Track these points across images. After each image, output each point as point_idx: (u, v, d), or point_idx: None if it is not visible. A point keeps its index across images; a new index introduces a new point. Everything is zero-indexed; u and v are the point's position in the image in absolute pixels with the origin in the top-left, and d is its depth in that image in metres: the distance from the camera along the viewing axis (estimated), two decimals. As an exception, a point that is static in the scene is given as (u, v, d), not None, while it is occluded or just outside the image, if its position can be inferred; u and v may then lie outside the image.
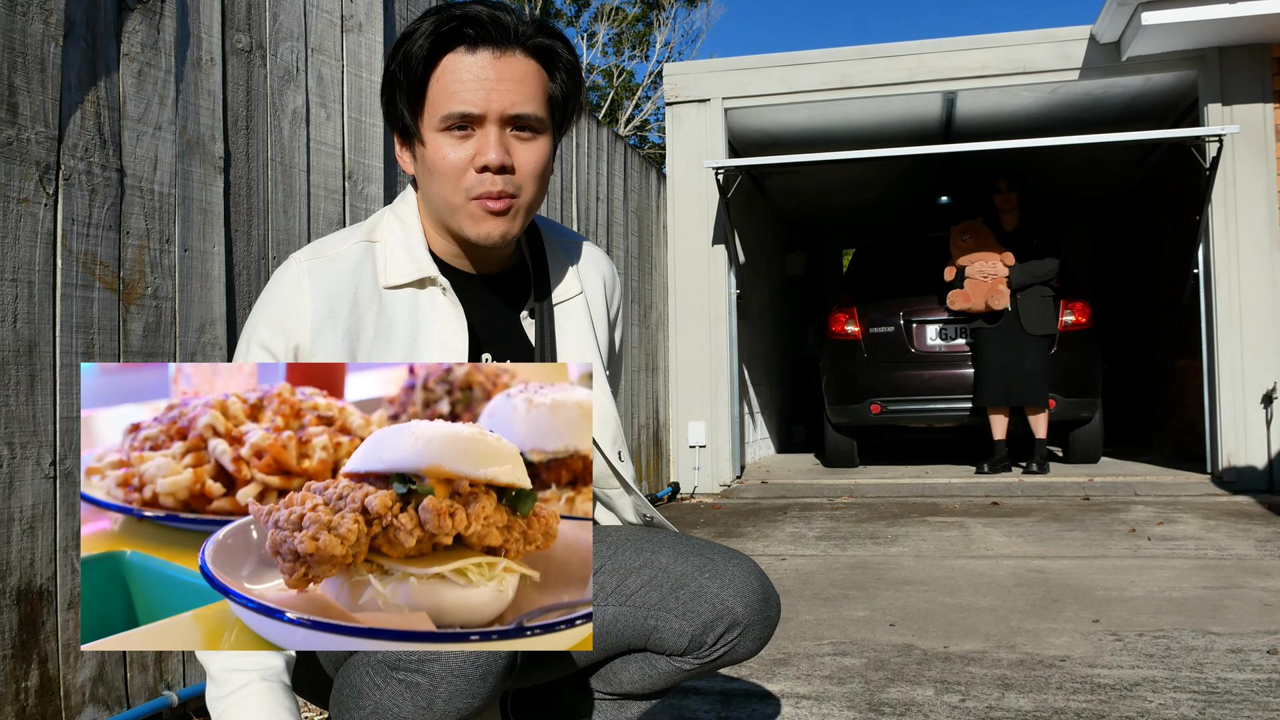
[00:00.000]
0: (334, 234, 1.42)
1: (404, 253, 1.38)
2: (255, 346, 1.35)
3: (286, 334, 1.33)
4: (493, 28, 1.29)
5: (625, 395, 6.04)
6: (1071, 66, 6.47)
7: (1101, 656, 2.68)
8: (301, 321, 1.33)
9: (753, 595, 1.36)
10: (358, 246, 1.38)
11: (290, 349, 1.33)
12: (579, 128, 5.40)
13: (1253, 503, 5.47)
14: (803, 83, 6.89)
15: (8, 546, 1.92)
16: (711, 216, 6.97)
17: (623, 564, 1.39)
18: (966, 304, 6.50)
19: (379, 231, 1.40)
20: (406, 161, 1.38)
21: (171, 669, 2.31)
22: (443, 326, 1.36)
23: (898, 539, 4.63)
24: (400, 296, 1.37)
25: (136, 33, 2.27)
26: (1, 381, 1.92)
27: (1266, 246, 6.07)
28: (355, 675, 1.18)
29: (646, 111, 21.00)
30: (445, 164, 1.30)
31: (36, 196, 2.01)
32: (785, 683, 2.52)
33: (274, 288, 1.37)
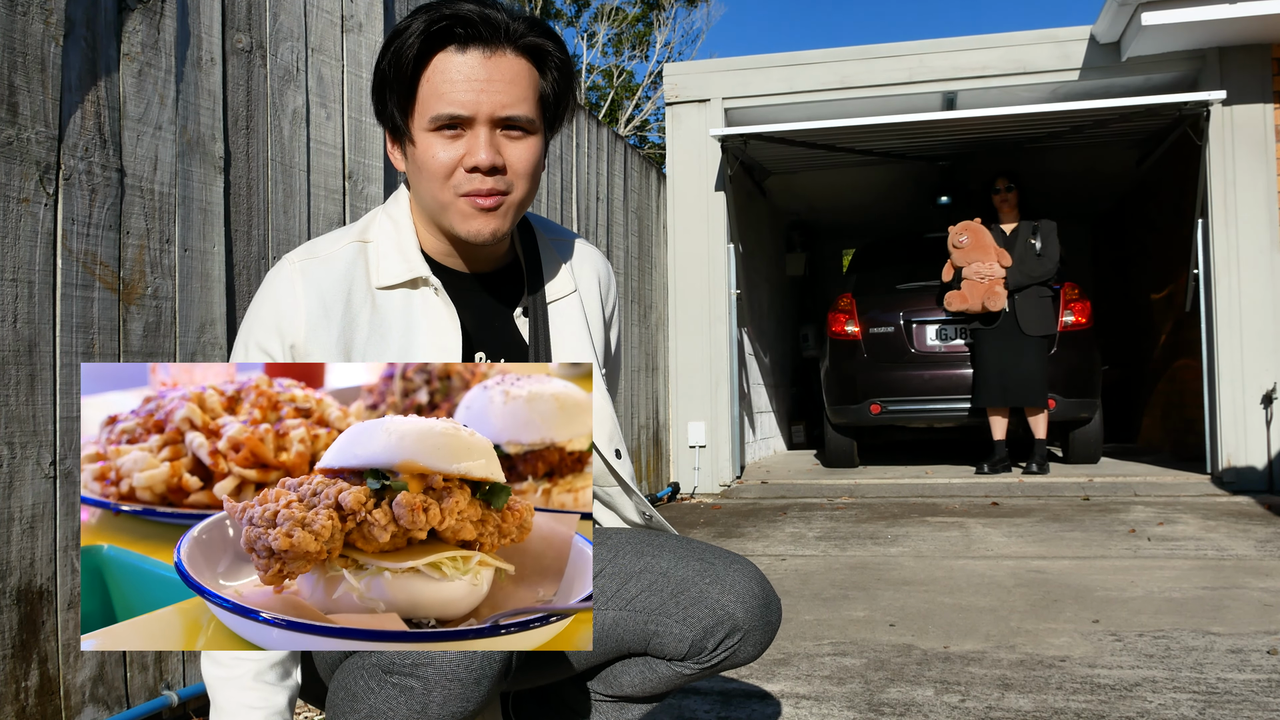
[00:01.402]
0: (327, 235, 1.41)
1: (396, 253, 1.37)
2: (253, 348, 1.35)
3: (282, 334, 1.33)
4: (483, 27, 1.27)
5: (625, 395, 6.05)
6: (1072, 67, 6.47)
7: (1101, 657, 2.68)
8: (296, 322, 1.32)
9: (753, 600, 1.36)
10: (350, 247, 1.37)
11: (286, 349, 1.33)
12: (579, 128, 5.40)
13: (1253, 503, 5.47)
14: (803, 83, 6.89)
15: (8, 546, 1.92)
16: (712, 215, 6.97)
17: (623, 568, 1.39)
18: (963, 305, 6.49)
19: (371, 231, 1.39)
20: (398, 159, 1.38)
21: (171, 669, 2.31)
22: (436, 327, 1.36)
23: (898, 539, 4.63)
24: (393, 297, 1.36)
25: (137, 33, 2.27)
26: (1, 381, 1.92)
27: (1266, 246, 6.07)
28: (350, 678, 1.18)
29: (646, 112, 20.99)
30: (435, 163, 1.29)
31: (37, 196, 2.01)
32: (785, 683, 2.52)
33: (268, 289, 1.35)
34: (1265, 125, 6.10)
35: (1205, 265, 6.22)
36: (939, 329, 6.90)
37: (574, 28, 20.85)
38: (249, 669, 1.23)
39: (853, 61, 6.82)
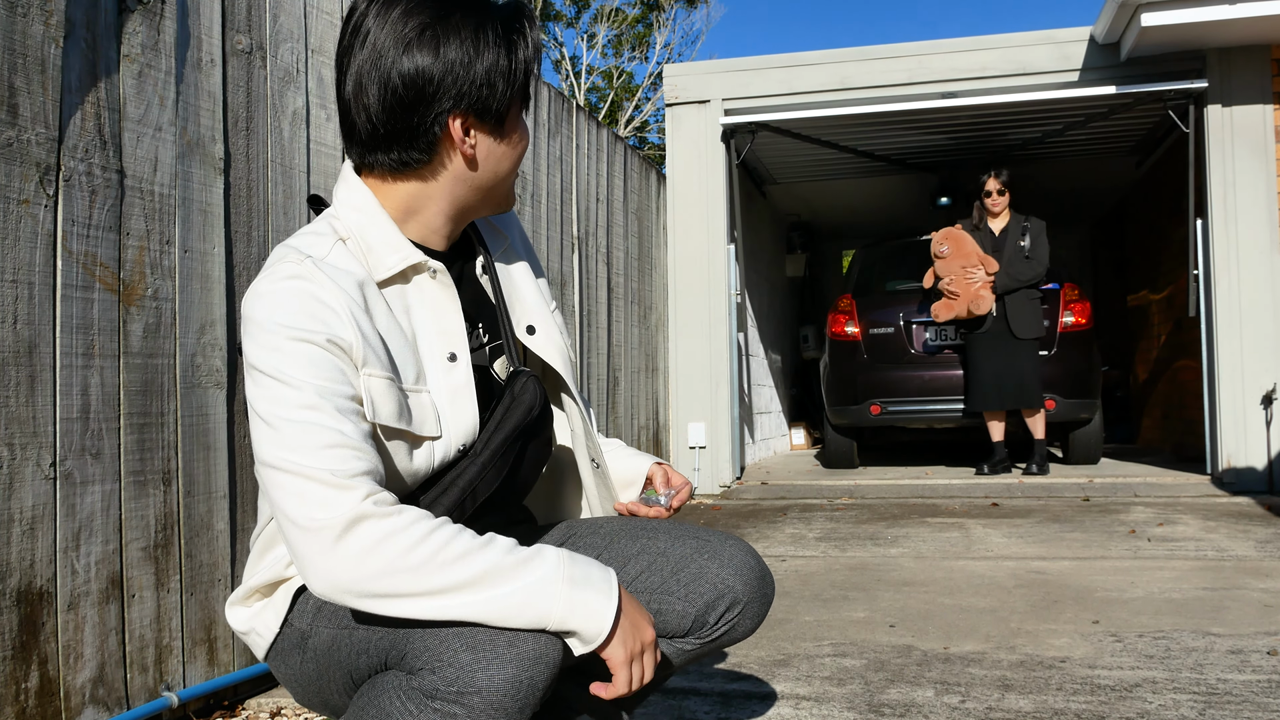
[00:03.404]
0: (302, 242, 1.30)
1: (383, 244, 1.32)
2: (317, 349, 1.20)
3: (329, 325, 1.21)
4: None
5: (625, 396, 6.05)
6: (1071, 68, 6.47)
7: (1101, 657, 2.68)
8: (339, 312, 1.22)
9: (751, 573, 1.41)
10: (337, 247, 1.30)
11: (348, 343, 1.22)
12: (579, 128, 5.40)
13: (1253, 504, 5.47)
14: (802, 84, 6.89)
15: (8, 548, 1.92)
16: (711, 216, 6.98)
17: (621, 551, 1.42)
18: (950, 314, 6.50)
19: (341, 229, 1.33)
20: (468, 148, 1.32)
21: (171, 669, 2.31)
22: (439, 310, 1.35)
23: (898, 540, 4.63)
24: (391, 289, 1.33)
25: (137, 34, 2.27)
26: (1, 382, 1.92)
27: (1266, 247, 6.07)
28: (384, 698, 1.15)
29: (646, 113, 21.00)
30: (523, 146, 1.39)
31: (37, 197, 2.01)
32: (785, 684, 2.52)
33: (285, 296, 1.22)
34: (1265, 125, 6.10)
35: (1205, 266, 6.22)
36: (939, 330, 6.90)
37: (574, 29, 20.88)
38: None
39: (852, 62, 6.83)
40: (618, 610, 1.16)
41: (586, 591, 1.15)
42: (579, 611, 1.14)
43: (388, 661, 1.19)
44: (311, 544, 1.13)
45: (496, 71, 1.30)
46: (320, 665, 1.29)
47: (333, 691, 1.30)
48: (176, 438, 2.35)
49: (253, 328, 1.22)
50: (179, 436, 2.36)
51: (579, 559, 1.18)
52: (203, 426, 2.44)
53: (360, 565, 1.12)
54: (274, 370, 1.19)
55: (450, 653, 1.11)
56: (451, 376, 1.34)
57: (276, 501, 1.17)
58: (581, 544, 1.46)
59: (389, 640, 1.18)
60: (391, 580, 1.12)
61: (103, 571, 2.13)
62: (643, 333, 6.44)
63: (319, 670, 1.30)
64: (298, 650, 1.31)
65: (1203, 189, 6.26)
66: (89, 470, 2.11)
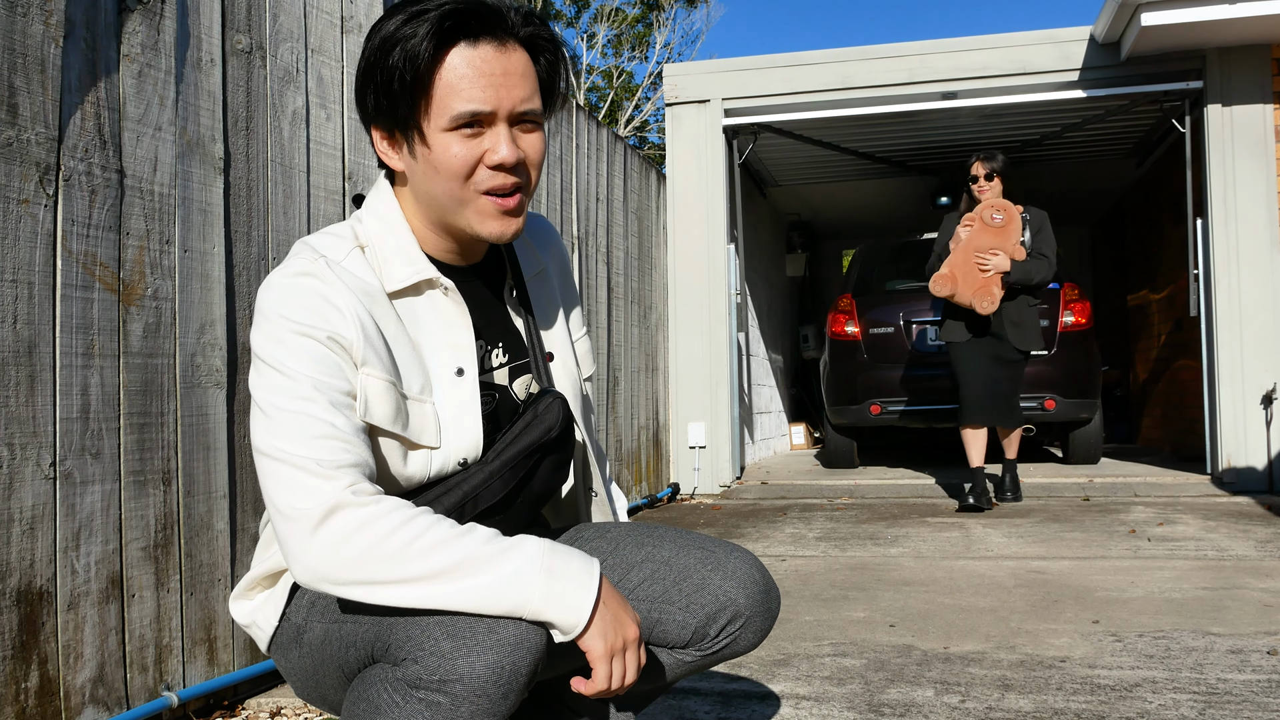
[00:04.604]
0: (321, 241, 1.32)
1: (398, 256, 1.33)
2: (316, 343, 1.22)
3: (332, 323, 1.23)
4: (493, 20, 1.26)
5: (625, 396, 6.05)
6: (1071, 67, 6.48)
7: (1101, 657, 2.68)
8: (344, 311, 1.24)
9: (754, 587, 1.38)
10: (354, 253, 1.31)
11: (349, 342, 1.24)
12: (579, 128, 5.40)
13: (1253, 503, 5.47)
14: (803, 83, 6.89)
15: (7, 547, 1.92)
16: (711, 215, 6.98)
17: (625, 558, 1.41)
18: (949, 291, 5.28)
19: (363, 236, 1.34)
20: (395, 159, 1.32)
21: (171, 669, 2.31)
22: (449, 325, 1.35)
23: (898, 540, 4.63)
24: (402, 300, 1.33)
25: (136, 34, 2.27)
26: (1, 382, 1.92)
27: (1266, 247, 6.07)
28: (371, 690, 1.16)
29: (646, 112, 21.01)
30: (456, 162, 1.26)
31: (36, 197, 2.01)
32: (785, 683, 2.52)
33: (294, 292, 1.24)
34: (1265, 125, 6.11)
35: (1205, 266, 6.23)
36: (939, 329, 6.90)
37: (574, 28, 20.88)
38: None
39: (853, 62, 6.83)
40: (596, 601, 1.16)
41: (564, 582, 1.15)
42: (554, 603, 1.14)
43: (374, 654, 1.19)
44: (293, 531, 1.16)
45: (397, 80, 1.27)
46: (315, 660, 1.30)
47: (329, 686, 1.31)
48: (176, 437, 2.35)
49: (260, 318, 1.25)
50: (179, 436, 2.36)
51: (561, 550, 1.18)
52: (202, 426, 2.43)
53: (337, 552, 1.14)
54: (275, 361, 1.21)
55: (431, 641, 1.11)
56: (458, 391, 1.34)
57: (266, 489, 1.20)
58: (587, 548, 1.46)
59: (374, 632, 1.19)
60: (368, 568, 1.14)
61: (102, 571, 2.13)
62: (643, 332, 6.44)
63: (314, 665, 1.30)
64: (295, 644, 1.32)
65: (1202, 189, 6.26)
66: (89, 470, 2.11)
